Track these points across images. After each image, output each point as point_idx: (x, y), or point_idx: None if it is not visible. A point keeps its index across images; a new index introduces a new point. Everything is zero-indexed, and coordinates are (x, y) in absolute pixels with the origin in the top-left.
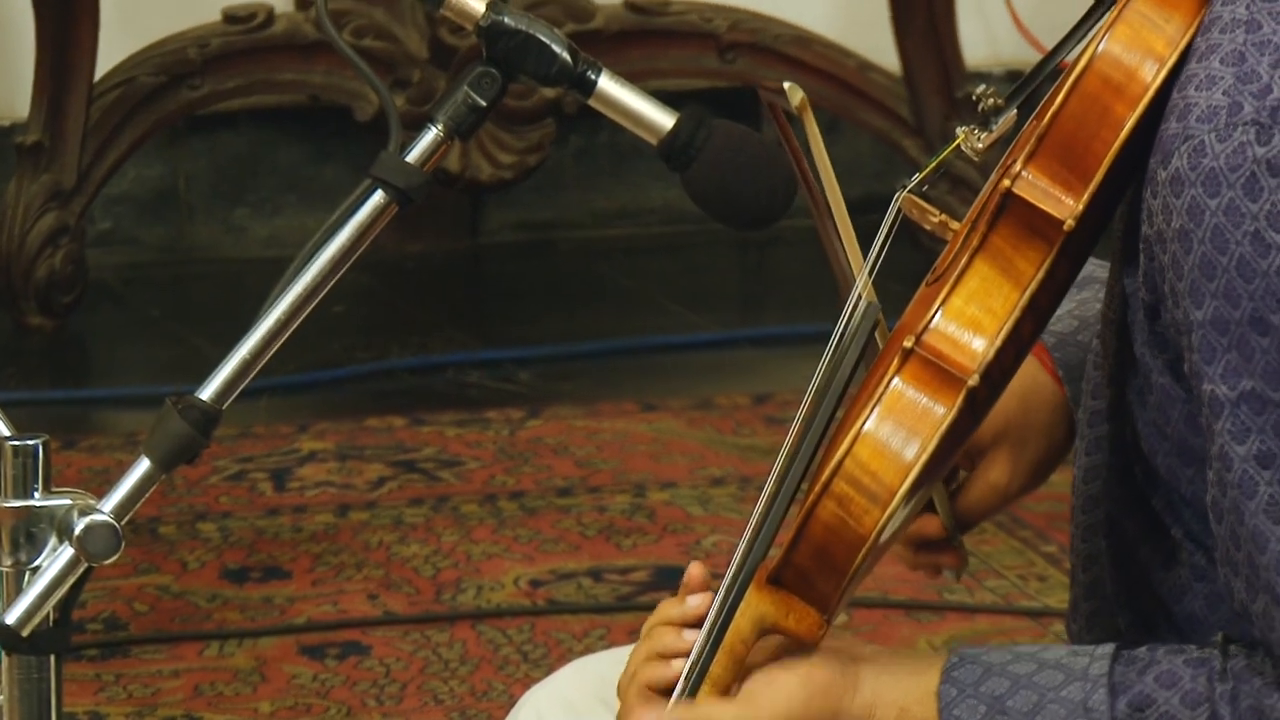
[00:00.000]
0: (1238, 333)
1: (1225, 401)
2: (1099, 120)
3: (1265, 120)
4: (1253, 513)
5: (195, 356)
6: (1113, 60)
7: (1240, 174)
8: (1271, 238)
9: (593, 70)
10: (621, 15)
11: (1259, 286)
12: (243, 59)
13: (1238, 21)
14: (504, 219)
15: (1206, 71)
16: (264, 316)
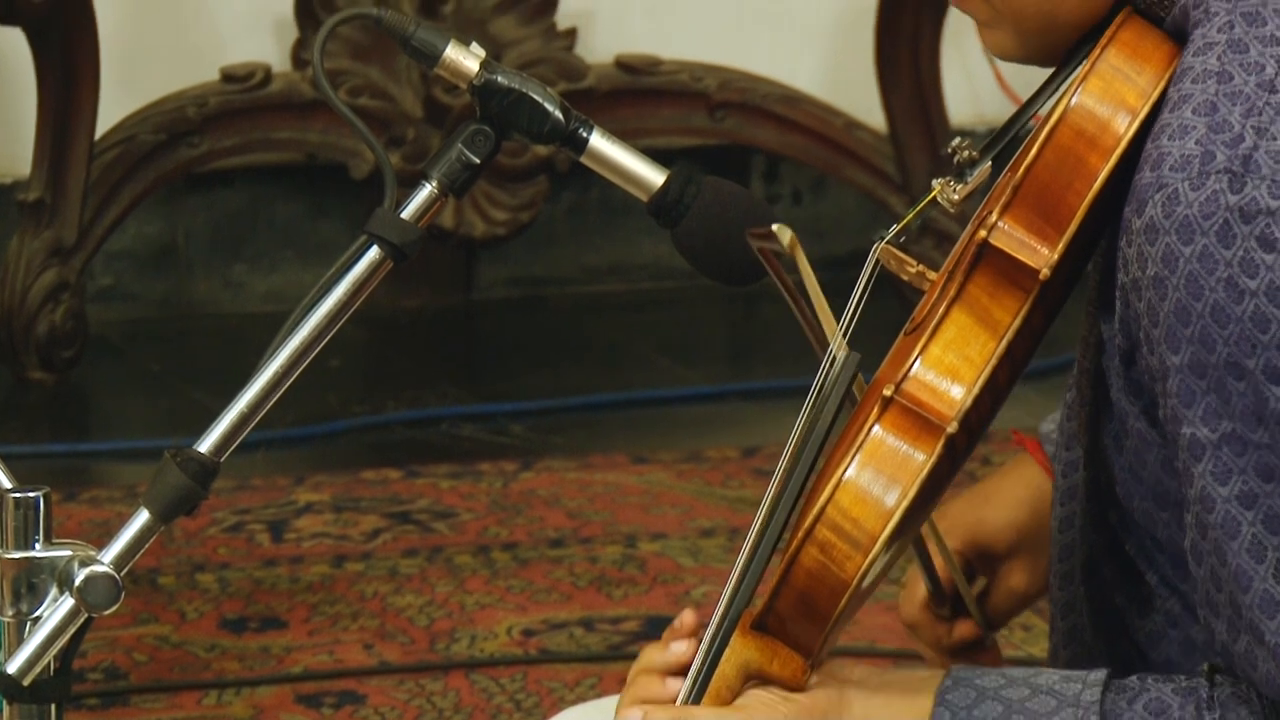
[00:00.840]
0: (1215, 376)
1: (1206, 444)
2: (1073, 171)
3: (1237, 169)
4: (1235, 552)
5: (194, 410)
6: (1085, 112)
7: (1213, 221)
8: (1245, 284)
9: (584, 128)
10: (613, 74)
11: (1233, 332)
12: (241, 117)
13: (1209, 72)
14: (497, 275)
15: (1179, 121)
16: (261, 370)
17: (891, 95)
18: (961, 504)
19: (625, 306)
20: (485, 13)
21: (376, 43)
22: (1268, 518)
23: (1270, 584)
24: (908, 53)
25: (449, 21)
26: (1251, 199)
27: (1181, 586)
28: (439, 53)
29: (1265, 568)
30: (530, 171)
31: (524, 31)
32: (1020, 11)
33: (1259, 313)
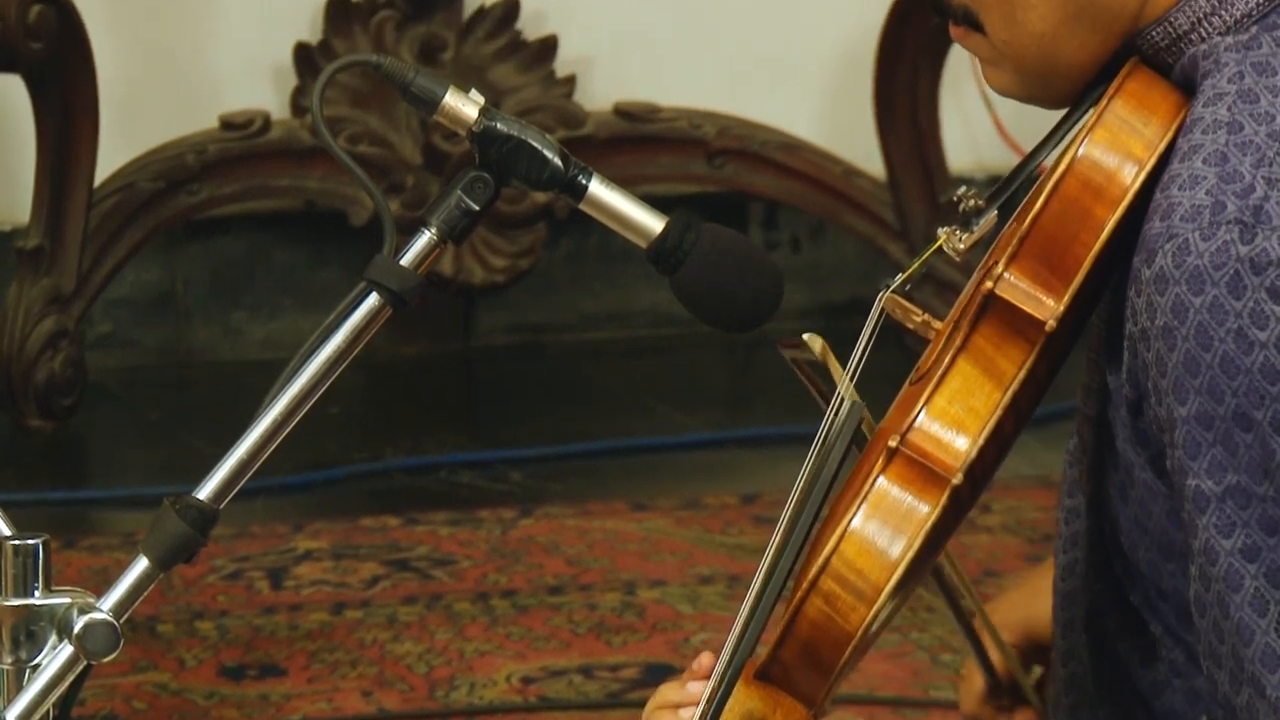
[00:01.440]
0: (1222, 428)
1: (1211, 496)
2: (1079, 222)
3: (1248, 219)
4: (1238, 605)
5: (193, 457)
6: (1092, 163)
7: (1224, 272)
8: (1254, 335)
9: (583, 175)
10: (612, 121)
11: (1242, 383)
12: (240, 165)
13: (1219, 123)
14: (496, 321)
15: (1189, 171)
16: (260, 418)
17: (890, 142)
18: (1012, 600)
19: (624, 353)
20: (485, 60)
21: (375, 90)
22: (1270, 571)
23: (1272, 638)
24: (906, 100)
25: (448, 69)
26: (1262, 250)
27: (1186, 637)
28: (438, 99)
29: (1267, 621)
30: (529, 218)
31: (523, 79)
32: (1021, 51)
33: (1268, 364)
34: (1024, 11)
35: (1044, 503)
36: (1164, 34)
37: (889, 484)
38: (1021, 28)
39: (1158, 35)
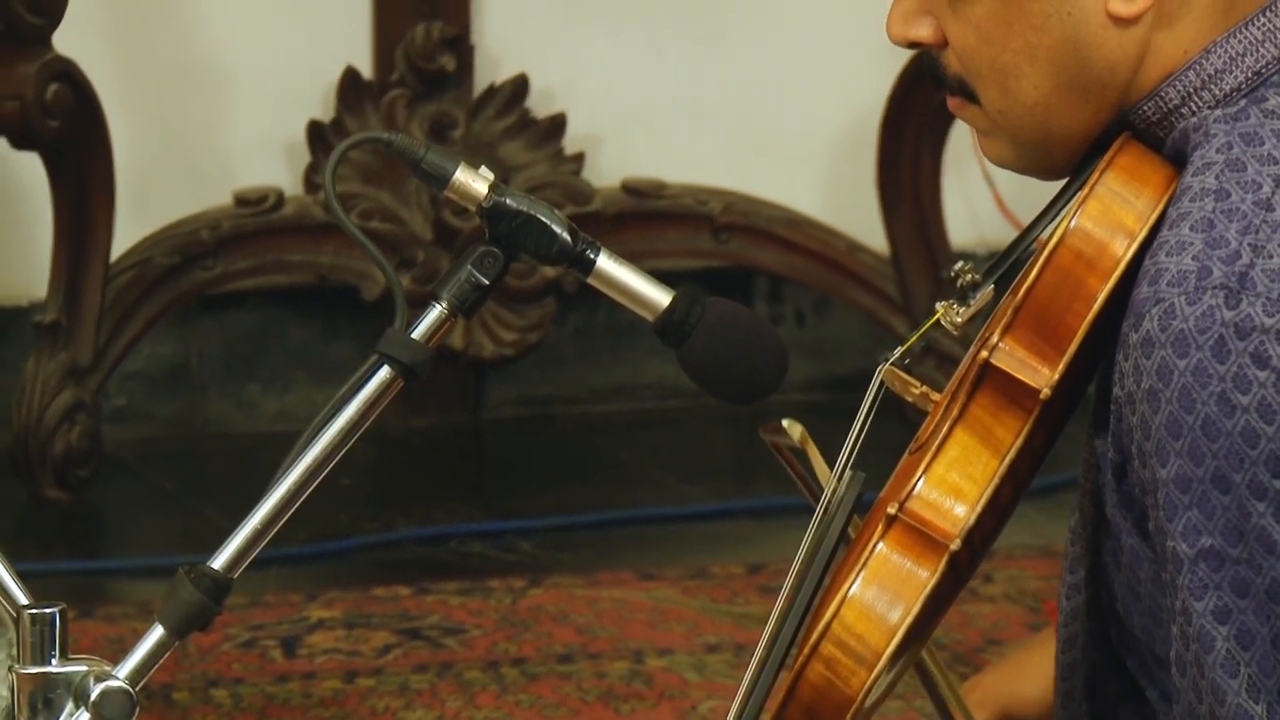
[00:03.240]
0: (1199, 490)
1: (1185, 558)
2: (1072, 292)
3: (1234, 285)
4: (1211, 666)
5: (208, 528)
6: (1084, 234)
7: (1209, 336)
8: (1237, 399)
9: (592, 249)
10: (619, 198)
11: (1223, 446)
12: (254, 240)
13: (1207, 190)
14: (505, 394)
15: (1177, 238)
16: (274, 488)
17: (893, 218)
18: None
19: (632, 426)
20: (494, 137)
21: (387, 167)
22: (1240, 633)
23: (1243, 699)
24: (909, 176)
25: (458, 146)
26: (1246, 315)
27: None
28: (449, 175)
29: (1238, 683)
30: (538, 293)
31: (532, 156)
32: (1015, 121)
33: (1249, 428)
34: (1016, 81)
35: (1046, 572)
36: (1155, 108)
37: (888, 550)
38: (1014, 97)
39: (1149, 110)
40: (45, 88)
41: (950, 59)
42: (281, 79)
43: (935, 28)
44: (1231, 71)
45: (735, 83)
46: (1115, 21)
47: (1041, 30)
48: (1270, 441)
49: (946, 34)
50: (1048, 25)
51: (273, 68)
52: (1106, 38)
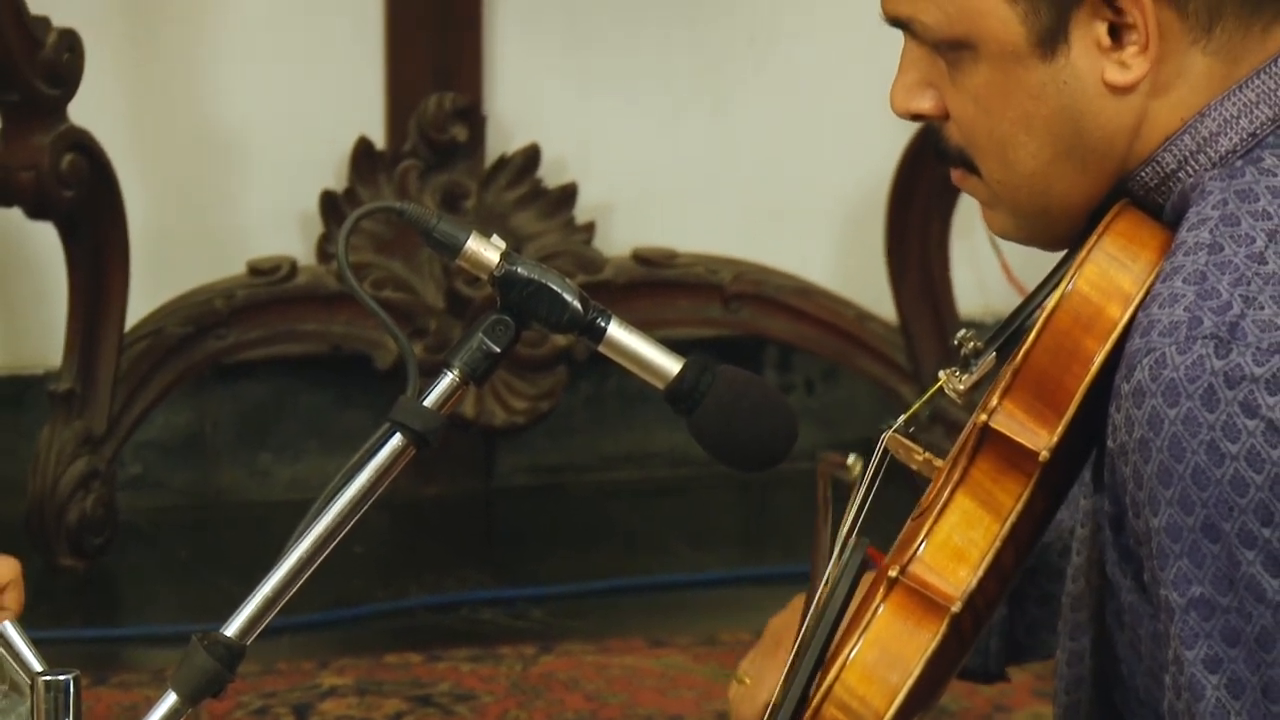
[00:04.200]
0: (1189, 539)
1: (1176, 607)
2: (1070, 355)
3: (1224, 335)
4: (1202, 715)
5: (221, 596)
6: (1081, 298)
7: (1198, 385)
8: (1226, 448)
9: (602, 318)
10: (630, 267)
11: (1212, 494)
12: (267, 310)
13: (1201, 244)
14: (517, 462)
15: (1170, 290)
16: (286, 556)
17: (901, 287)
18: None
19: (642, 493)
20: (506, 207)
21: (399, 236)
22: (1231, 682)
23: None
24: (917, 245)
25: (470, 215)
26: (1236, 365)
27: None
28: (461, 244)
29: None
30: (549, 361)
31: (544, 225)
32: (1014, 192)
33: (1238, 477)
34: (1014, 151)
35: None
36: (1153, 174)
37: (890, 613)
38: (1013, 168)
39: (1147, 175)
40: (61, 158)
41: (952, 131)
42: (295, 149)
43: (937, 100)
44: (1227, 134)
45: (745, 153)
46: (1111, 90)
47: (1038, 100)
48: (1259, 490)
49: (948, 105)
50: (1044, 95)
51: (286, 138)
52: (1103, 107)
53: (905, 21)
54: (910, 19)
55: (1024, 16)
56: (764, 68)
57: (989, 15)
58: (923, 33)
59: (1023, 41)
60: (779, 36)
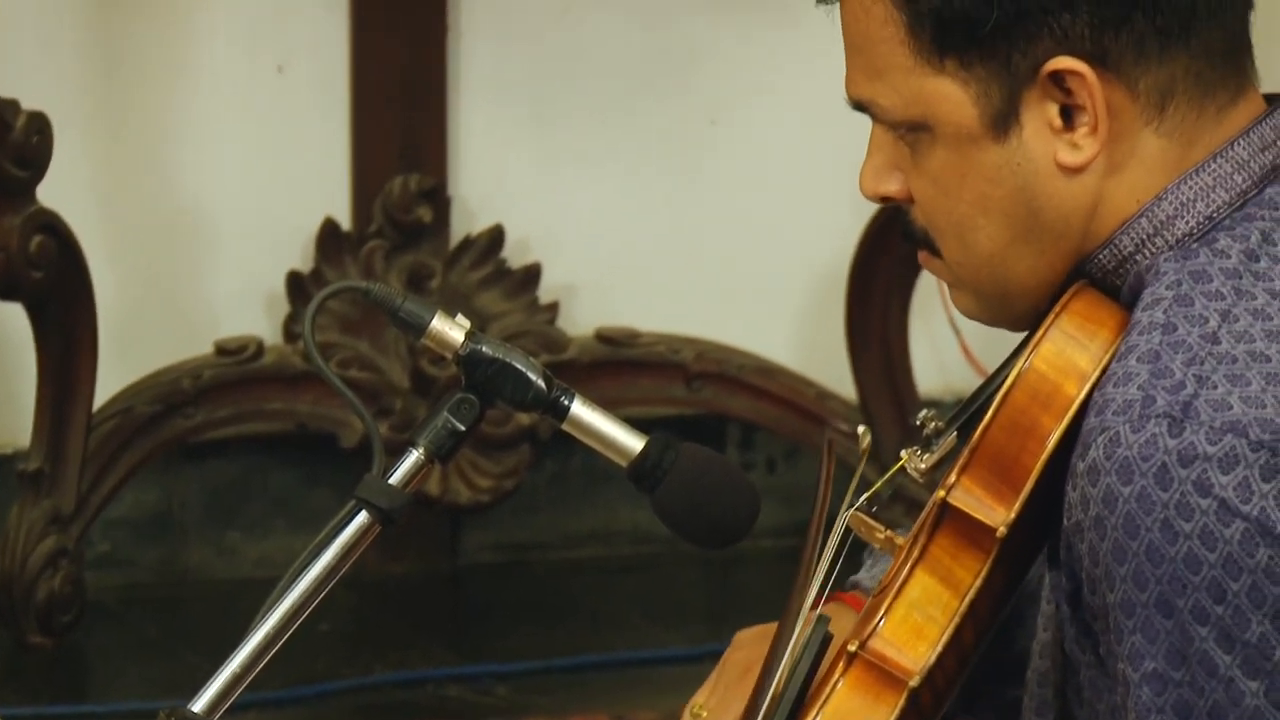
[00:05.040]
0: (1143, 615)
1: (1131, 681)
2: (1027, 433)
3: (1177, 414)
4: None
5: (190, 673)
6: (1039, 376)
7: (1152, 464)
8: (1180, 526)
9: (566, 396)
10: (593, 346)
11: (1166, 571)
12: (234, 389)
13: (1155, 324)
14: (482, 540)
15: (1124, 369)
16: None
17: (861, 366)
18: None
19: (606, 571)
20: (470, 287)
21: (365, 316)
22: None
23: None
24: (877, 326)
25: (435, 296)
26: (1190, 444)
27: None
28: (426, 324)
29: None
30: (514, 440)
31: (508, 305)
32: (975, 274)
33: (1191, 554)
34: (972, 234)
35: None
36: (1110, 257)
37: (849, 688)
38: (971, 250)
39: (1104, 258)
40: (29, 239)
41: (917, 213)
42: (261, 230)
43: (903, 183)
44: (1184, 218)
45: (707, 233)
46: (1064, 171)
47: (994, 182)
48: (1212, 568)
49: (911, 188)
50: (999, 177)
51: (253, 219)
52: (1057, 188)
53: (866, 104)
54: (870, 102)
55: (976, 99)
56: (726, 148)
57: (943, 98)
58: (882, 115)
59: (976, 123)
60: (740, 118)
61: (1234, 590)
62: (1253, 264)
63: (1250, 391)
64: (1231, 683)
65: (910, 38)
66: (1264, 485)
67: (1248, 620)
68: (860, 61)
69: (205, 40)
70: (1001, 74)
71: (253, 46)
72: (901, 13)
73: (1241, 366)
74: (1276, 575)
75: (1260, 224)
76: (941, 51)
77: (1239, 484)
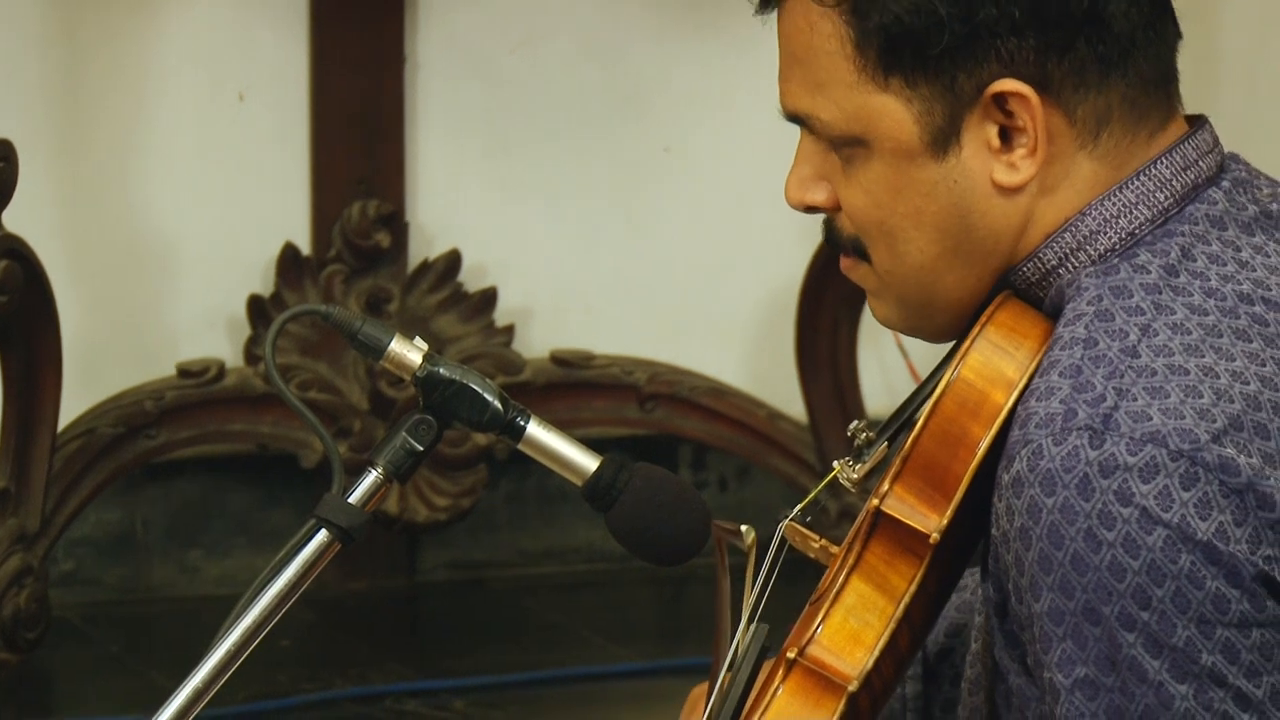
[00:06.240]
0: (1071, 622)
1: (1061, 688)
2: (957, 440)
3: (1098, 426)
4: None
5: (153, 690)
6: (967, 385)
7: (1074, 475)
8: (1102, 535)
9: (522, 417)
10: (548, 368)
11: (1091, 580)
12: (196, 411)
13: (1076, 339)
14: (439, 558)
15: (1047, 384)
16: (214, 649)
17: (811, 388)
18: None
19: (561, 588)
20: (428, 311)
21: (324, 339)
22: None
23: None
24: (826, 348)
25: (394, 319)
26: (1110, 455)
27: None
28: (384, 346)
29: None
30: (471, 460)
31: (465, 328)
32: (902, 282)
33: (1115, 562)
34: (904, 244)
35: None
36: (1034, 269)
37: (789, 694)
38: (902, 259)
39: (1029, 270)
40: None
41: (844, 222)
42: (223, 255)
43: (830, 193)
44: (1106, 233)
45: (660, 258)
46: (1000, 190)
47: (929, 197)
48: (1136, 575)
49: (840, 198)
50: (935, 193)
51: (215, 244)
52: (991, 206)
53: (803, 117)
54: (808, 115)
55: (918, 116)
56: (679, 176)
57: (885, 115)
58: (820, 129)
59: (916, 141)
60: (693, 145)
61: (1158, 596)
62: (1172, 279)
63: (1169, 403)
64: (1161, 687)
65: (856, 54)
66: (1184, 494)
67: (1173, 625)
68: (800, 74)
69: (168, 69)
70: (946, 94)
71: (214, 75)
72: (850, 29)
73: (1160, 379)
74: (1199, 580)
75: (1180, 239)
76: (887, 69)
77: (1159, 492)
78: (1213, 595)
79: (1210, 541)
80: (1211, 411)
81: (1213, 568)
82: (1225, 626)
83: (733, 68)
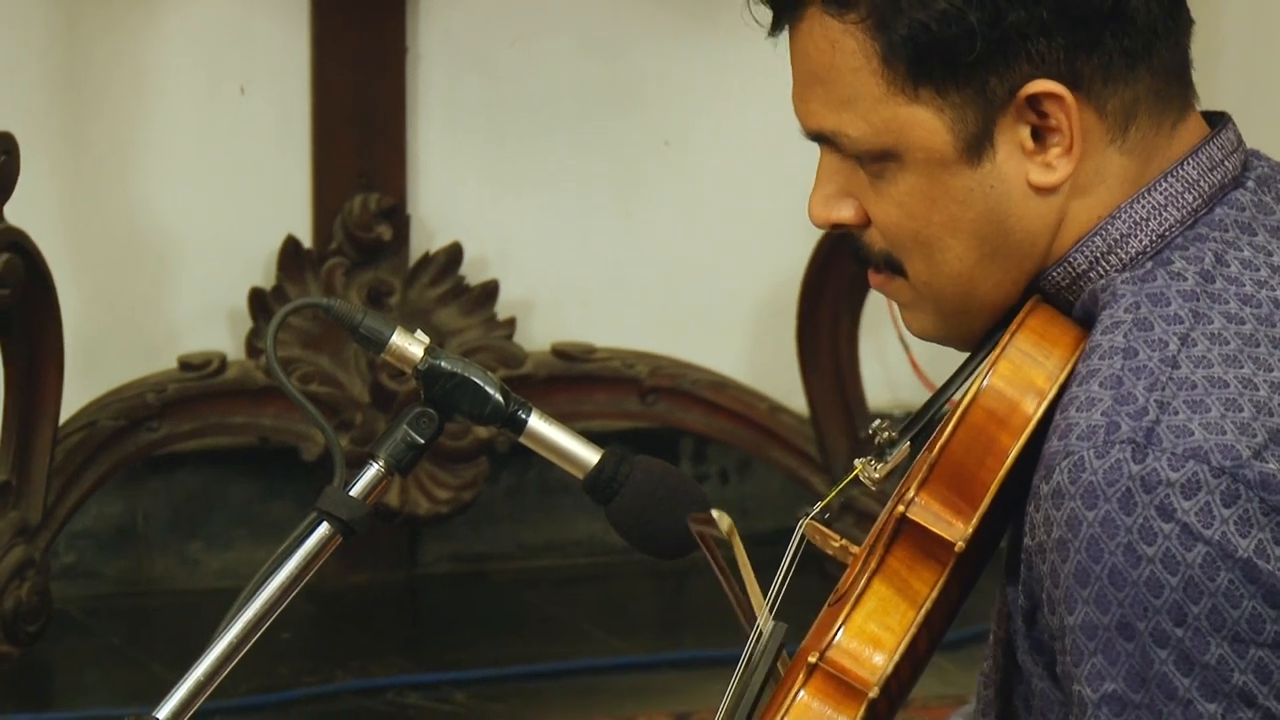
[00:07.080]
0: (1105, 637)
1: (1089, 702)
2: (985, 449)
3: (1140, 440)
4: None
5: (154, 682)
6: (996, 394)
7: (1116, 489)
8: (1142, 550)
9: (523, 410)
10: (550, 361)
11: (1128, 595)
12: (197, 403)
13: (1116, 349)
14: (440, 551)
15: (1087, 394)
16: (216, 641)
17: (812, 380)
18: None
19: (562, 581)
20: (429, 304)
21: (326, 332)
22: None
23: None
24: (827, 341)
25: (395, 312)
26: (1153, 470)
27: None
28: (385, 339)
29: None
30: (471, 453)
31: (466, 321)
32: (940, 291)
33: (1153, 578)
34: (942, 254)
35: None
36: (1064, 273)
37: (809, 698)
38: (939, 269)
39: (1058, 275)
40: None
41: (874, 237)
42: (225, 249)
43: (857, 208)
44: (1136, 236)
45: (661, 251)
46: (1036, 191)
47: (965, 204)
48: (1173, 591)
49: (869, 213)
50: (970, 199)
51: (216, 237)
52: (1027, 208)
53: (828, 135)
54: (835, 133)
55: (951, 125)
56: (679, 169)
57: (916, 125)
58: (848, 146)
59: (950, 149)
60: (693, 139)
61: (1194, 613)
62: (1208, 285)
63: (1210, 417)
64: (1190, 705)
65: (883, 67)
66: (1225, 510)
67: (1207, 643)
68: (821, 92)
69: (169, 62)
70: (978, 99)
71: (216, 69)
72: (875, 43)
73: (1201, 392)
74: (1236, 598)
75: (1213, 245)
76: (917, 80)
77: (1201, 509)
78: (1249, 615)
79: (1250, 559)
80: (1252, 426)
81: (1251, 586)
82: (1259, 646)
83: (732, 61)
